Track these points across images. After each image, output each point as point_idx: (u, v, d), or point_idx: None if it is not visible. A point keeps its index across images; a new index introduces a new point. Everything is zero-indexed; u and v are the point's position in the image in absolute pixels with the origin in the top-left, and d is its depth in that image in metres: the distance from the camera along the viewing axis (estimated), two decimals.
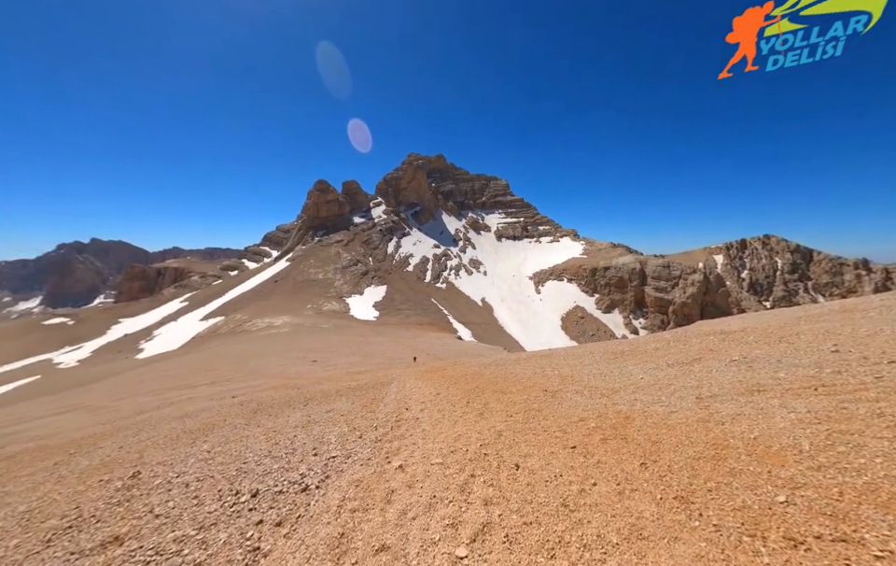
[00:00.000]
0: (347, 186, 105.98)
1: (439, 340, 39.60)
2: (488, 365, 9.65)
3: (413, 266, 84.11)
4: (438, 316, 61.73)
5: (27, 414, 14.55)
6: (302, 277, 71.66)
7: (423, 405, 5.89)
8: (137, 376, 24.12)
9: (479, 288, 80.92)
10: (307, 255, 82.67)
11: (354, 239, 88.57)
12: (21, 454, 6.26)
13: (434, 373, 9.82)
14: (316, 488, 3.02)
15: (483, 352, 28.21)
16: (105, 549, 2.47)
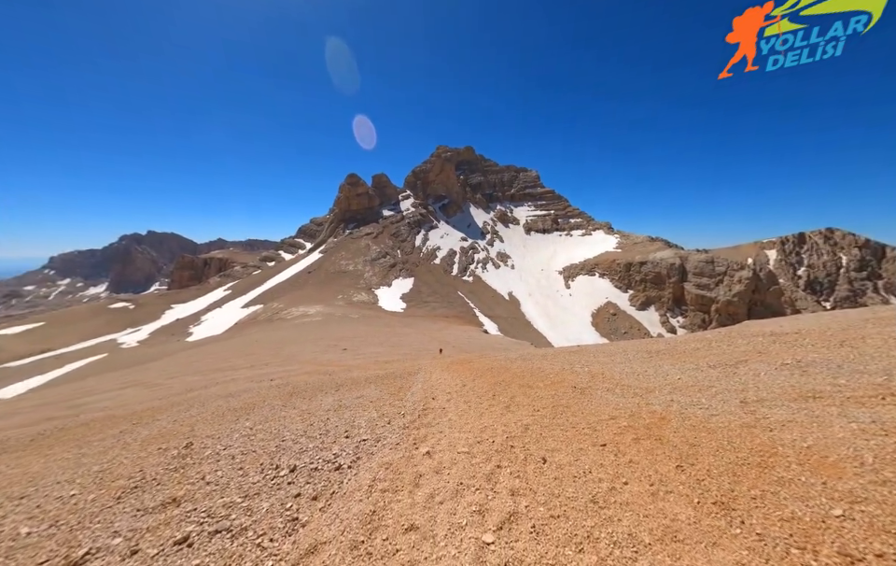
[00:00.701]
0: (377, 179, 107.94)
1: (464, 333, 39.69)
2: (514, 360, 9.56)
3: (441, 259, 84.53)
4: (464, 309, 61.79)
5: (96, 387, 16.31)
6: (334, 269, 74.29)
7: (449, 396, 5.96)
8: (187, 358, 26.24)
9: (506, 281, 79.97)
10: (338, 247, 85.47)
11: (383, 232, 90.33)
12: (93, 422, 7.04)
13: (460, 365, 9.87)
14: (349, 467, 3.16)
15: (509, 346, 27.92)
16: (165, 508, 2.74)
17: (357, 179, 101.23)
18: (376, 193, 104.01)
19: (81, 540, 2.43)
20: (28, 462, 4.67)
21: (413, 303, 61.31)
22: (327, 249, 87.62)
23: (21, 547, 2.43)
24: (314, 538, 2.21)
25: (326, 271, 73.88)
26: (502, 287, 77.08)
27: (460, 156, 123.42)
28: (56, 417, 8.17)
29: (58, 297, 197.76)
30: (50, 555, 2.29)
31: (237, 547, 2.20)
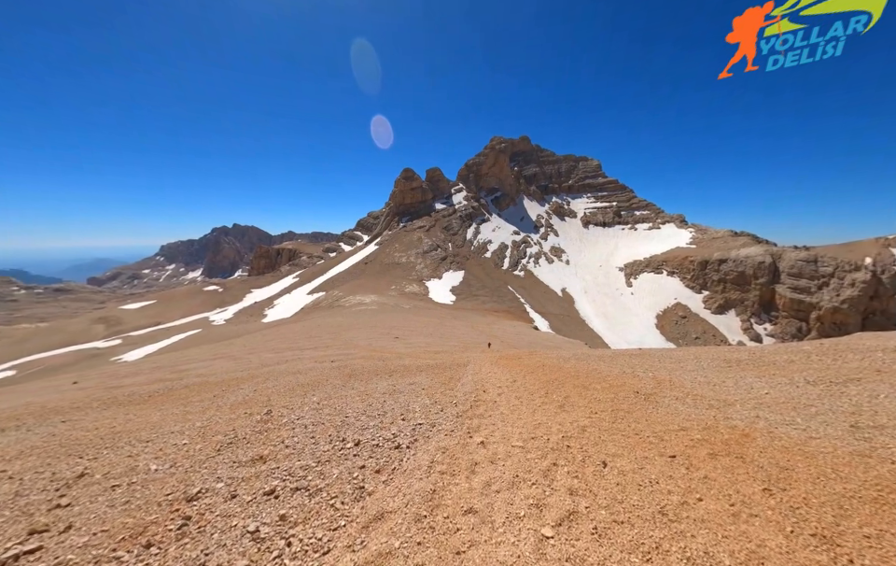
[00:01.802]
0: (430, 173, 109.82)
1: (513, 328, 38.96)
2: (568, 359, 9.19)
3: (491, 253, 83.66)
4: (514, 304, 60.59)
5: (193, 357, 19.18)
6: (388, 260, 77.66)
7: (500, 390, 5.96)
8: (263, 337, 29.59)
9: (559, 277, 76.54)
10: (392, 240, 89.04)
11: (435, 225, 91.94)
12: (193, 386, 8.32)
13: (509, 360, 9.77)
14: (407, 447, 3.36)
15: (561, 345, 26.81)
16: (254, 464, 3.19)
17: (412, 174, 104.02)
18: (429, 187, 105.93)
19: (194, 480, 2.94)
20: (148, 413, 5.68)
21: (463, 296, 61.71)
22: (382, 242, 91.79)
23: (152, 480, 3.01)
24: (380, 507, 2.41)
25: (381, 262, 77.53)
26: (555, 283, 73.97)
27: (515, 147, 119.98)
28: (165, 380, 9.77)
29: (166, 279, 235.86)
30: (173, 488, 2.81)
31: (314, 505, 2.49)
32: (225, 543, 2.12)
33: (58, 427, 5.02)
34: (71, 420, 5.38)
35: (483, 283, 68.19)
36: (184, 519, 2.36)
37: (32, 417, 5.63)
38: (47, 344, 47.34)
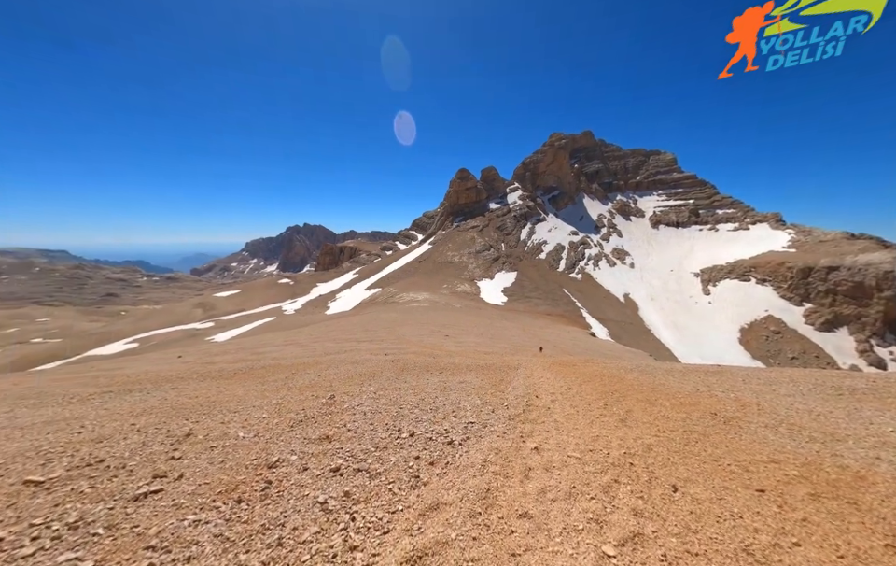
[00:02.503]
0: (486, 173, 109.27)
1: (568, 333, 37.06)
2: (630, 370, 8.51)
3: (546, 254, 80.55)
4: (569, 307, 57.62)
5: (269, 342, 21.53)
6: (441, 259, 79.07)
7: (553, 397, 5.75)
8: (326, 327, 32.15)
9: (622, 281, 70.94)
10: (446, 239, 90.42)
11: (488, 225, 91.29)
12: (268, 367, 9.35)
13: (563, 366, 9.35)
14: (459, 444, 3.43)
15: (622, 354, 24.82)
16: (321, 442, 3.52)
17: (467, 174, 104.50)
18: (484, 187, 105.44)
19: (273, 450, 3.34)
20: (234, 388, 6.52)
21: (515, 297, 60.37)
22: (435, 241, 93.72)
23: (240, 445, 3.48)
24: (435, 497, 2.50)
25: (434, 261, 79.23)
26: (617, 287, 68.71)
27: (576, 142, 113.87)
28: (247, 360, 11.08)
29: (249, 272, 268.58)
30: (257, 455, 3.22)
31: (374, 486, 2.67)
32: (299, 509, 2.37)
33: (168, 393, 6.01)
34: (178, 388, 6.41)
35: (536, 285, 65.99)
36: (266, 483, 2.70)
37: (150, 383, 6.82)
38: (160, 322, 56.93)
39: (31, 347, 46.57)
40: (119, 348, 40.92)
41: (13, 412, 4.74)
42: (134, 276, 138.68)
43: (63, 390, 6.04)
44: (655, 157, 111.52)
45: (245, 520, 2.25)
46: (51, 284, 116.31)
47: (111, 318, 74.34)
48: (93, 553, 1.92)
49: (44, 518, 2.17)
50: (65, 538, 2.02)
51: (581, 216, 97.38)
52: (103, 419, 4.36)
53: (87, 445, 3.41)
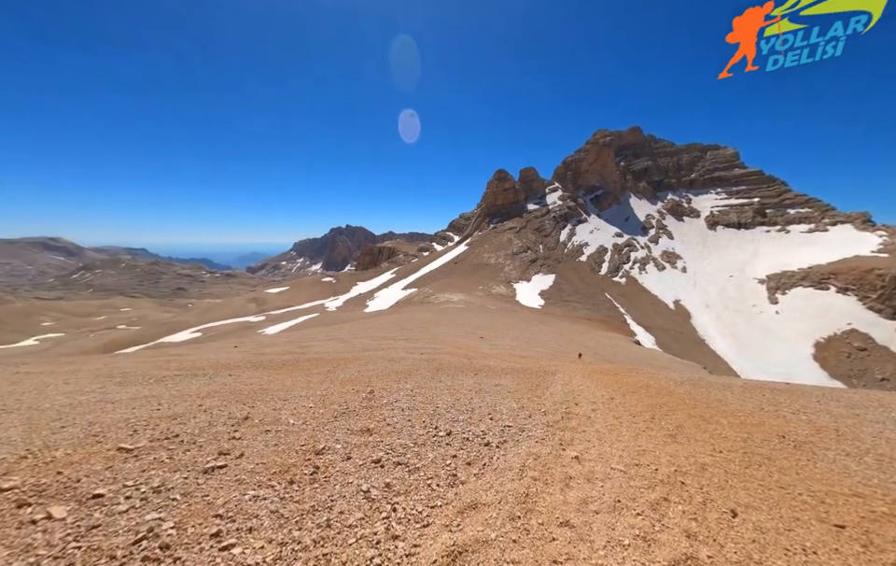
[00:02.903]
0: (524, 173, 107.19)
1: (609, 340, 35.16)
2: (681, 382, 7.91)
3: (588, 256, 77.13)
4: (611, 313, 54.67)
5: (313, 337, 22.81)
6: (477, 261, 78.80)
7: (594, 406, 5.51)
8: (364, 325, 33.41)
9: (672, 287, 65.94)
10: (482, 240, 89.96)
11: (526, 226, 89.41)
12: (313, 360, 9.91)
13: (604, 375, 8.92)
14: (496, 447, 3.42)
15: (670, 365, 23.07)
16: (363, 434, 3.70)
17: (505, 175, 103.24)
18: (522, 187, 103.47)
19: (319, 438, 3.56)
20: (283, 378, 7.00)
21: (552, 300, 58.51)
22: (472, 242, 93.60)
23: (290, 431, 3.76)
24: (473, 497, 2.52)
25: (469, 262, 79.18)
26: (666, 293, 64.01)
27: (622, 139, 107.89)
28: (293, 353, 11.81)
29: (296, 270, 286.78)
30: (305, 441, 3.46)
31: (413, 481, 2.75)
32: (344, 495, 2.52)
33: (227, 379, 6.61)
34: (234, 375, 7.02)
35: (575, 288, 63.44)
36: (314, 468, 2.89)
37: (211, 369, 7.54)
38: (220, 315, 62.62)
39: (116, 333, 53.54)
40: (186, 337, 45.64)
41: (105, 388, 5.49)
42: (200, 273, 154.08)
43: (142, 372, 6.89)
44: (713, 152, 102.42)
45: (296, 500, 2.44)
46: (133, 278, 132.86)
47: (180, 309, 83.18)
48: (173, 515, 2.19)
49: (134, 481, 2.51)
50: (151, 500, 2.32)
51: (626, 216, 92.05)
52: (175, 399, 4.91)
53: (164, 421, 3.88)
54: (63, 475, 2.52)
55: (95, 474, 2.57)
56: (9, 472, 2.56)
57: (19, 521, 2.02)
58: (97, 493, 2.32)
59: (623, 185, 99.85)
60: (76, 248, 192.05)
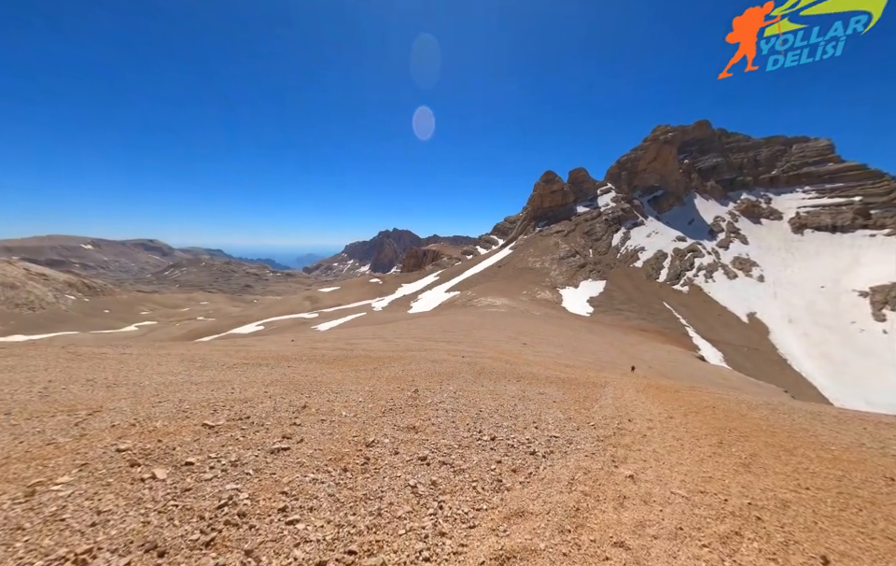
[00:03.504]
0: (574, 174, 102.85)
1: (667, 353, 32.25)
2: (756, 406, 7.04)
3: (644, 262, 71.65)
4: (670, 324, 50.13)
5: (359, 335, 23.95)
6: (521, 265, 77.11)
7: (650, 424, 5.12)
8: (407, 325, 34.33)
9: (745, 297, 58.73)
10: (527, 244, 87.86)
11: (574, 229, 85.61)
12: (360, 357, 10.41)
13: (662, 391, 8.22)
14: (543, 456, 3.34)
15: (743, 386, 20.50)
16: (408, 431, 3.83)
17: (553, 177, 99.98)
18: (571, 189, 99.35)
19: (369, 431, 3.76)
20: (334, 372, 7.44)
21: (602, 308, 55.23)
22: (516, 246, 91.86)
23: (343, 422, 4.01)
24: (519, 504, 2.50)
25: (514, 266, 77.74)
26: (737, 304, 57.16)
27: (687, 134, 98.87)
28: (342, 349, 12.50)
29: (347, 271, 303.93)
30: (357, 433, 3.68)
31: (458, 481, 2.80)
32: (393, 487, 2.64)
33: (286, 369, 7.20)
34: (292, 367, 7.63)
35: (629, 296, 59.24)
36: (365, 459, 3.07)
37: (272, 360, 8.27)
38: (279, 311, 68.42)
39: (196, 323, 60.95)
40: (251, 329, 50.56)
41: (189, 371, 6.30)
42: (264, 272, 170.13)
43: (217, 358, 7.78)
44: (801, 145, 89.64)
45: (350, 487, 2.61)
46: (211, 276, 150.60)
47: (247, 304, 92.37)
48: (247, 487, 2.46)
49: (216, 454, 2.87)
50: (230, 472, 2.64)
51: (690, 219, 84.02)
52: (245, 385, 5.48)
53: (237, 403, 4.36)
54: (163, 443, 2.96)
55: (186, 445, 2.99)
56: (124, 436, 3.07)
57: (132, 478, 2.42)
58: (188, 461, 2.70)
59: (687, 184, 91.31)
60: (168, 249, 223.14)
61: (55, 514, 2.00)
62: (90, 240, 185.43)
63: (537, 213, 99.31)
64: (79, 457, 2.62)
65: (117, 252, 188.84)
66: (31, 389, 4.21)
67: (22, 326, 54.31)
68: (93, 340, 46.44)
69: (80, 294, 71.44)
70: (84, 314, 65.29)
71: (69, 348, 7.54)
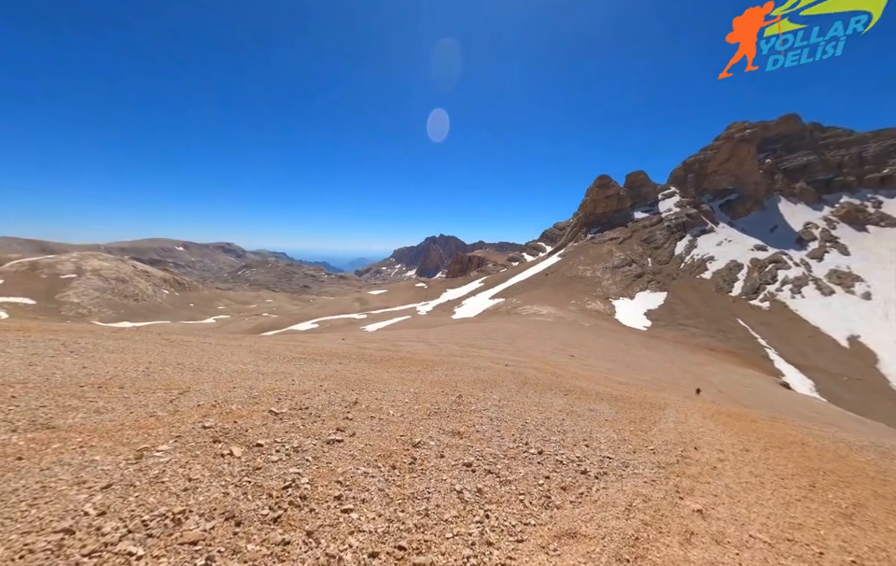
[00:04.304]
0: (632, 178, 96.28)
1: (741, 377, 28.53)
2: (860, 448, 5.97)
3: (713, 272, 64.47)
4: (746, 344, 44.37)
5: (404, 337, 24.61)
6: (570, 273, 73.74)
7: (722, 456, 4.58)
8: (451, 331, 34.51)
9: (845, 317, 50.00)
10: (578, 252, 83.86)
11: (631, 236, 79.89)
12: (405, 359, 10.67)
13: (735, 420, 7.32)
14: (596, 477, 3.15)
15: (840, 421, 17.36)
16: (453, 436, 3.86)
17: (608, 181, 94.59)
18: (628, 194, 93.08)
19: (415, 432, 3.85)
20: (380, 372, 7.72)
21: (662, 322, 50.67)
22: (566, 253, 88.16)
23: (391, 421, 4.16)
24: (570, 525, 2.39)
25: (562, 275, 74.64)
26: (835, 325, 48.85)
27: (769, 131, 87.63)
28: (388, 350, 12.92)
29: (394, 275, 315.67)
30: (404, 432, 3.79)
31: (504, 492, 2.75)
32: (439, 490, 2.68)
33: (337, 366, 7.64)
34: (343, 364, 8.07)
35: (694, 310, 53.67)
36: (412, 459, 3.15)
37: (325, 356, 8.83)
38: (332, 311, 72.99)
39: (262, 319, 67.38)
40: (308, 327, 54.56)
41: (257, 362, 6.97)
42: (320, 274, 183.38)
43: (279, 352, 8.51)
44: None
45: (398, 484, 2.70)
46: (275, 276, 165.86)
47: (304, 303, 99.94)
48: (307, 473, 2.67)
49: (281, 439, 3.16)
50: (292, 456, 2.88)
51: (772, 225, 74.02)
52: (303, 377, 5.93)
53: (297, 395, 4.73)
54: (238, 424, 3.32)
55: (256, 428, 3.32)
56: (207, 414, 3.50)
57: (214, 452, 2.75)
58: (258, 443, 3.00)
59: (769, 186, 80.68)
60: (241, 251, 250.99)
61: (157, 476, 2.34)
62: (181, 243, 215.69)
63: (589, 219, 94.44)
64: (174, 429, 3.04)
65: (201, 254, 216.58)
66: (137, 368, 4.99)
67: (129, 314, 64.46)
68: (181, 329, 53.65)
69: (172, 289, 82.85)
70: (175, 306, 75.64)
71: (163, 335, 8.79)
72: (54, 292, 61.76)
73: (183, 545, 1.81)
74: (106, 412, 3.27)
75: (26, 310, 54.47)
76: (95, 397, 3.59)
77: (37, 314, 53.24)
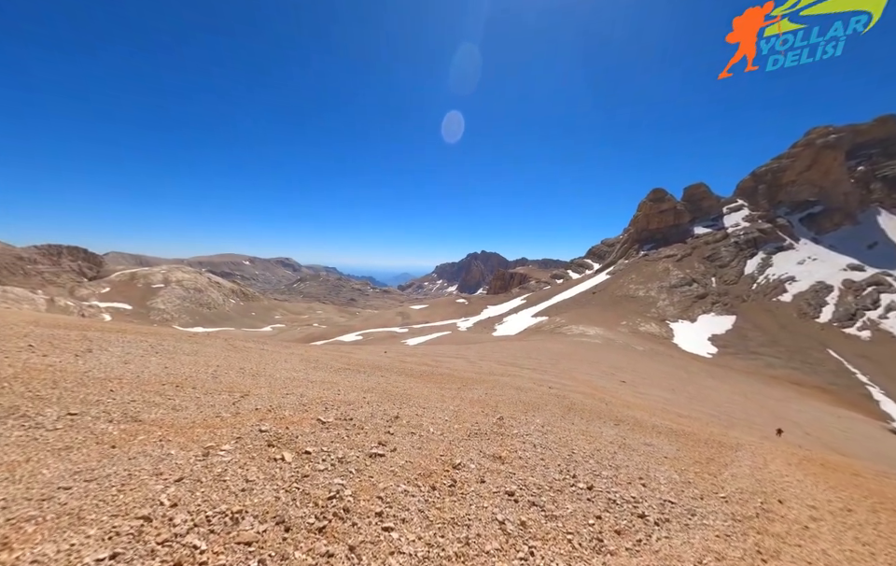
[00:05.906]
0: (690, 191, 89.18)
1: (836, 419, 24.28)
2: None
3: (794, 295, 56.61)
4: (840, 379, 37.89)
5: (444, 353, 24.61)
6: (621, 292, 69.24)
7: (815, 513, 3.90)
8: (491, 348, 33.87)
9: None
10: (629, 269, 78.74)
11: (691, 254, 73.35)
12: (444, 375, 10.61)
13: (830, 470, 6.22)
14: (656, 524, 2.82)
15: None
16: (495, 460, 3.72)
17: (663, 194, 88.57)
18: (686, 208, 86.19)
19: (455, 453, 3.78)
20: (420, 388, 7.71)
21: (731, 350, 45.28)
22: (615, 271, 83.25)
23: (431, 439, 4.13)
24: None
25: (611, 294, 70.38)
26: None
27: (860, 136, 76.62)
28: (428, 365, 12.96)
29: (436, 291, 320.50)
30: (444, 452, 3.74)
31: (550, 529, 2.57)
32: (480, 518, 2.57)
33: (379, 379, 7.80)
34: (385, 377, 8.23)
35: (771, 337, 47.32)
36: (452, 481, 3.08)
37: (368, 368, 9.07)
38: (376, 323, 75.62)
39: (313, 329, 71.78)
40: (353, 338, 56.97)
41: (307, 370, 7.38)
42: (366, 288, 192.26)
43: (327, 362, 8.93)
44: None
45: (438, 506, 2.64)
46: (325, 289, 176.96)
47: (350, 316, 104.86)
48: (350, 484, 2.73)
49: (327, 448, 3.28)
50: (337, 467, 2.97)
51: (871, 241, 63.66)
52: (348, 388, 6.14)
53: (342, 405, 4.91)
54: (290, 430, 3.52)
55: (305, 436, 3.49)
56: (263, 419, 3.76)
57: (268, 456, 2.93)
58: (307, 450, 3.14)
59: (863, 198, 69.94)
60: (297, 266, 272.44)
61: (220, 475, 2.54)
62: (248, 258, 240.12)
63: (641, 235, 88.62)
64: (235, 431, 3.30)
65: (263, 267, 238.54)
66: (207, 371, 5.53)
67: (202, 320, 72.42)
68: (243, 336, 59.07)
69: (238, 299, 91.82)
70: (239, 314, 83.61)
71: (229, 341, 9.69)
72: (146, 299, 71.70)
73: (239, 545, 1.92)
74: (181, 409, 3.65)
75: (124, 314, 63.76)
76: (173, 395, 4.04)
77: (132, 318, 62.04)
